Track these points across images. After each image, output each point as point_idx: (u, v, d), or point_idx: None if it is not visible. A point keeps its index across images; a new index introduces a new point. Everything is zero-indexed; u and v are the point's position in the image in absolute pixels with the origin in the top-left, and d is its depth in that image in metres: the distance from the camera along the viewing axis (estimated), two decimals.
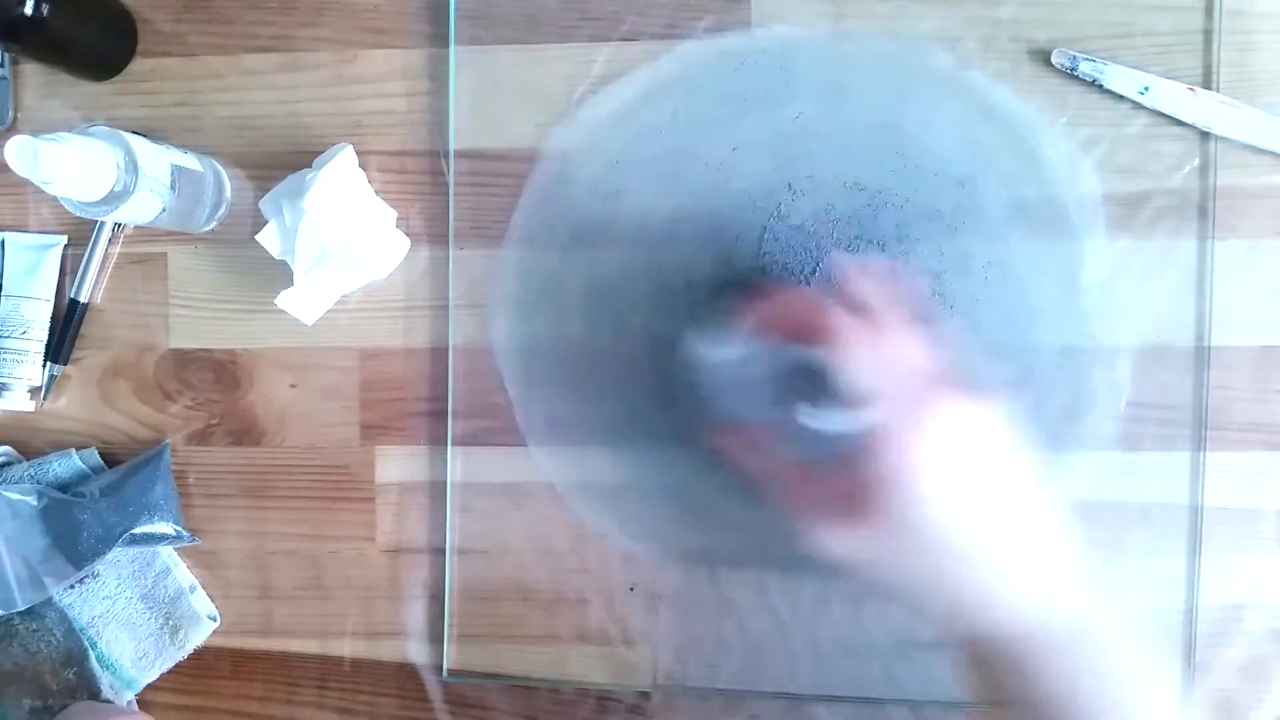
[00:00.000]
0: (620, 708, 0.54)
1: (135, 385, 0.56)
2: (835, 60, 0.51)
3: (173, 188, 0.49)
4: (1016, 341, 0.51)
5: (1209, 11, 0.50)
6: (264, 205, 0.54)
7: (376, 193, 0.53)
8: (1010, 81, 0.50)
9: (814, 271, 0.51)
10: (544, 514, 0.54)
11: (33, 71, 0.56)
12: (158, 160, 0.48)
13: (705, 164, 0.52)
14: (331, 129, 0.55)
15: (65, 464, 0.55)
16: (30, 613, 0.53)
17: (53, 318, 0.56)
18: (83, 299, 0.56)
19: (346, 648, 0.56)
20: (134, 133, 0.49)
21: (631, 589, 0.53)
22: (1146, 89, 0.49)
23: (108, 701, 0.53)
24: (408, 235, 0.54)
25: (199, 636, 0.55)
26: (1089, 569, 0.39)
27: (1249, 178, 0.50)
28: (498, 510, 0.54)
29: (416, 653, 0.55)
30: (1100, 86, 0.49)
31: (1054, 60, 0.49)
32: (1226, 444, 0.50)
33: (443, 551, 0.54)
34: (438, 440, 0.54)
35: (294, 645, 0.56)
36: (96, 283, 0.56)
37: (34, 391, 0.56)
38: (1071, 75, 0.49)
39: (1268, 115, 0.49)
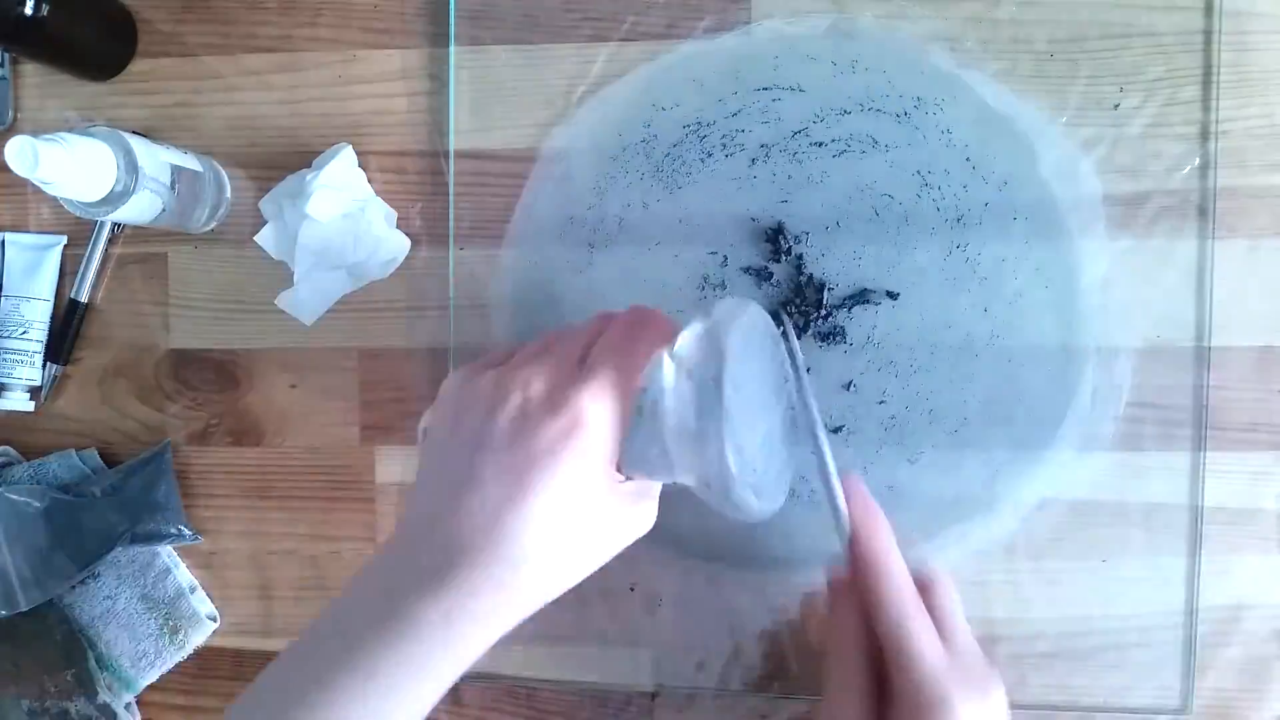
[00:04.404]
0: (620, 708, 0.54)
1: (135, 385, 0.56)
2: (835, 60, 0.51)
3: (173, 188, 0.49)
4: (1017, 342, 0.51)
5: (1209, 11, 0.50)
6: (264, 205, 0.54)
7: (376, 193, 0.53)
8: (1010, 81, 0.50)
9: (816, 282, 0.51)
10: None
11: (33, 71, 0.56)
12: (158, 160, 0.48)
13: (705, 164, 0.52)
14: (331, 129, 0.55)
15: (66, 464, 0.55)
16: (30, 613, 0.53)
17: (53, 318, 0.56)
18: (83, 299, 0.56)
19: None
20: (134, 133, 0.49)
21: (631, 589, 0.53)
22: None
23: (104, 703, 0.53)
24: (408, 235, 0.54)
25: (199, 636, 0.55)
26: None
27: (1249, 178, 0.50)
28: None
29: None
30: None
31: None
32: (1226, 444, 0.50)
33: None
34: None
35: None
36: (96, 283, 0.56)
37: (34, 391, 0.56)
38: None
39: None
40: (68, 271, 0.56)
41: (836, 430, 0.52)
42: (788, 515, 0.52)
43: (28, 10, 0.47)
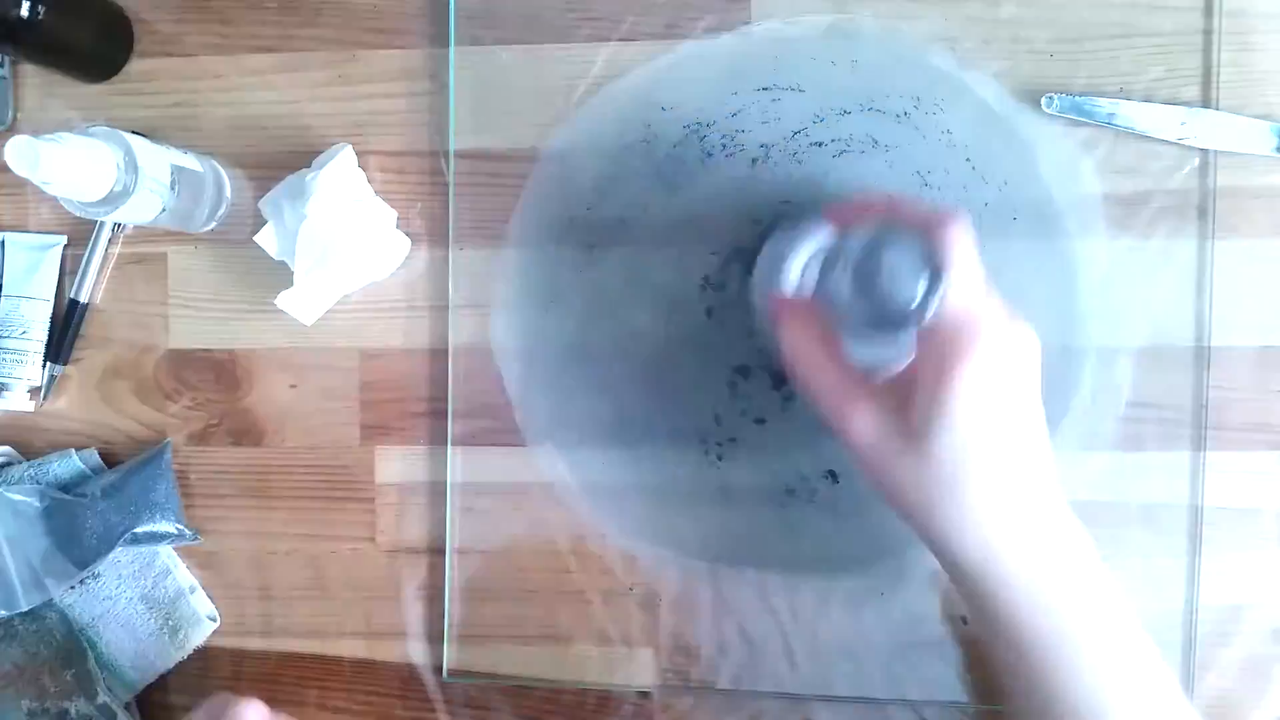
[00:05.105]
0: (620, 708, 0.54)
1: (135, 385, 0.56)
2: (835, 60, 0.51)
3: (173, 188, 0.49)
4: None
5: (1209, 11, 0.50)
6: (264, 205, 0.54)
7: (376, 193, 0.53)
8: (1010, 81, 0.50)
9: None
10: (544, 514, 0.54)
11: (33, 72, 0.56)
12: (158, 160, 0.48)
13: (705, 164, 0.52)
14: (331, 129, 0.55)
15: (65, 464, 0.55)
16: (30, 613, 0.53)
17: (53, 318, 0.56)
18: (83, 299, 0.56)
19: (346, 648, 0.56)
20: (134, 133, 0.49)
21: (631, 589, 0.54)
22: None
23: (104, 703, 0.53)
24: (408, 235, 0.54)
25: (199, 636, 0.55)
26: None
27: (1249, 178, 0.50)
28: (498, 510, 0.54)
29: (416, 653, 0.55)
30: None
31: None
32: (1226, 444, 0.50)
33: (443, 551, 0.54)
34: (438, 440, 0.54)
35: (294, 645, 0.56)
36: (96, 283, 0.56)
37: (34, 391, 0.56)
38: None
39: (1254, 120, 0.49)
40: (68, 271, 0.56)
41: None
42: (788, 515, 0.52)
43: (23, 12, 0.47)
